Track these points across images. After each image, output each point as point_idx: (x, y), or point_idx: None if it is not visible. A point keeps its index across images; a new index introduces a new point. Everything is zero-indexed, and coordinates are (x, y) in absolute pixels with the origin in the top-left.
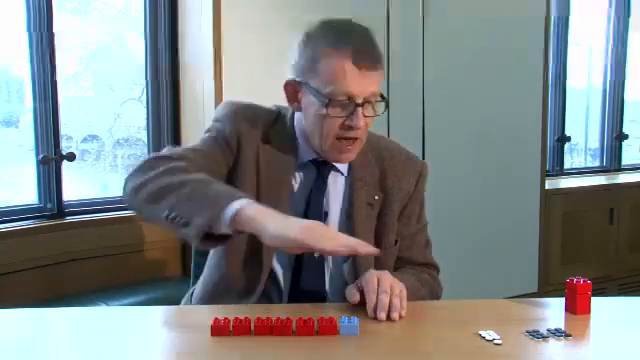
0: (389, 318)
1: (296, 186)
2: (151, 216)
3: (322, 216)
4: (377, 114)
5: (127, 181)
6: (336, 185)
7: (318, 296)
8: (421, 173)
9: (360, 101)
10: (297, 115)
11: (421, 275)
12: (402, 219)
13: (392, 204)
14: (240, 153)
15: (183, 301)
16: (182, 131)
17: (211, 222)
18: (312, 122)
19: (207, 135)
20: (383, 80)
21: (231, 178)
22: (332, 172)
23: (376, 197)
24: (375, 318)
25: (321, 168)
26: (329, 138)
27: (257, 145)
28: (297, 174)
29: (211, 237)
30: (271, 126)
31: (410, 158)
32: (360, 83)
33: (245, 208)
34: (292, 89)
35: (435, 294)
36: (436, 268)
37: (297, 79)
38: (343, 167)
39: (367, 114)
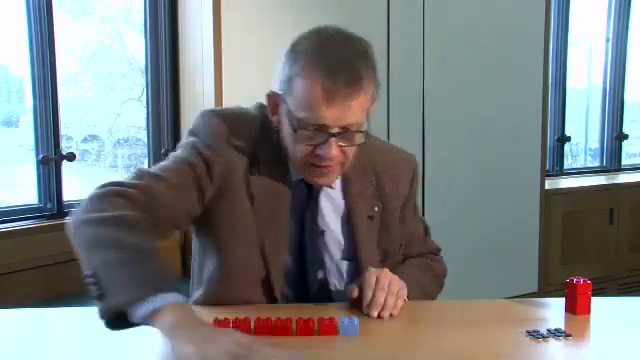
0: (380, 317)
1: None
2: (80, 260)
3: (318, 235)
4: (354, 144)
5: (81, 207)
6: (331, 199)
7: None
8: (414, 171)
9: (335, 131)
10: None
11: (422, 261)
12: (401, 221)
13: (393, 213)
14: (226, 184)
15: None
16: (182, 131)
17: (123, 308)
18: (287, 142)
19: (184, 157)
20: (370, 105)
21: (212, 210)
22: (323, 189)
23: (376, 208)
24: (368, 314)
25: (311, 187)
26: (301, 162)
27: (246, 167)
28: (288, 195)
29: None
30: (259, 139)
31: (402, 157)
32: (335, 113)
33: (167, 310)
34: (273, 102)
35: (438, 277)
36: (438, 252)
37: (278, 92)
38: (336, 182)
39: (343, 143)
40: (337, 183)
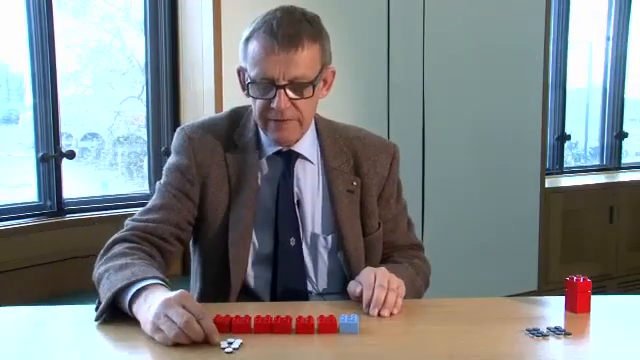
0: (380, 315)
1: (261, 180)
2: None
3: (293, 205)
4: (304, 97)
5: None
6: (306, 174)
7: (301, 291)
8: (394, 155)
9: (281, 83)
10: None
11: (413, 261)
12: (382, 202)
13: (370, 188)
14: (206, 179)
15: None
16: None
17: (115, 295)
18: (252, 106)
19: (163, 180)
20: (316, 60)
21: (202, 206)
22: (299, 161)
23: (354, 183)
24: (368, 313)
25: (286, 158)
26: (261, 120)
27: (223, 159)
28: (263, 168)
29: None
30: (232, 131)
31: (382, 142)
32: (278, 65)
33: (134, 302)
34: (240, 75)
35: (427, 278)
36: (421, 247)
37: (241, 64)
38: (312, 155)
39: (294, 96)
40: (316, 158)
